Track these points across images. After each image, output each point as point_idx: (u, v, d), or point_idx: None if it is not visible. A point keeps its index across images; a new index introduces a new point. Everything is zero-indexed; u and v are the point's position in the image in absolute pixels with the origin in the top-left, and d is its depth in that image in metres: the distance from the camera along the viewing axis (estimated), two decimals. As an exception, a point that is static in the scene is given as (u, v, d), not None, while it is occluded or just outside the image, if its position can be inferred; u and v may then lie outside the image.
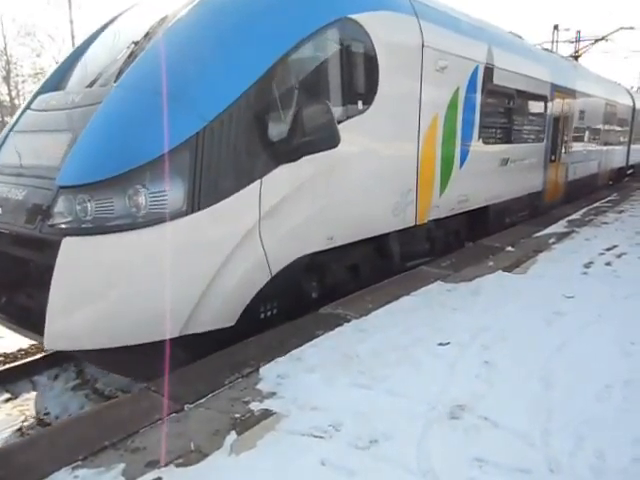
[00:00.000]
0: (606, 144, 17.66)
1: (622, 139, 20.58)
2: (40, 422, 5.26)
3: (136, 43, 5.48)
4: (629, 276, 7.22)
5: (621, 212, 12.98)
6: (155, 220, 4.43)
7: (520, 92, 10.17)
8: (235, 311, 5.10)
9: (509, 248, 8.83)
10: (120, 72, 5.18)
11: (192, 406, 3.73)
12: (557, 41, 30.58)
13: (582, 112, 14.39)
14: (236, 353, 4.68)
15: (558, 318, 5.59)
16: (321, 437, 3.37)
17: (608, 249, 8.84)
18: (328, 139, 5.22)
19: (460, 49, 7.99)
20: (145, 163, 4.40)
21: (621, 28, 26.89)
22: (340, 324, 5.31)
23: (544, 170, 12.40)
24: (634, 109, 21.75)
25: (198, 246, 4.63)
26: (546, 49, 14.70)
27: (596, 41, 27.02)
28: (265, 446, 3.29)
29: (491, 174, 9.60)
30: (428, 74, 7.15)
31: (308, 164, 5.33)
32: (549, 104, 11.91)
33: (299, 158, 5.18)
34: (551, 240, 9.55)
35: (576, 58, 25.78)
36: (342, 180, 5.91)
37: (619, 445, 3.35)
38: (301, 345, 4.79)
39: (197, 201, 4.54)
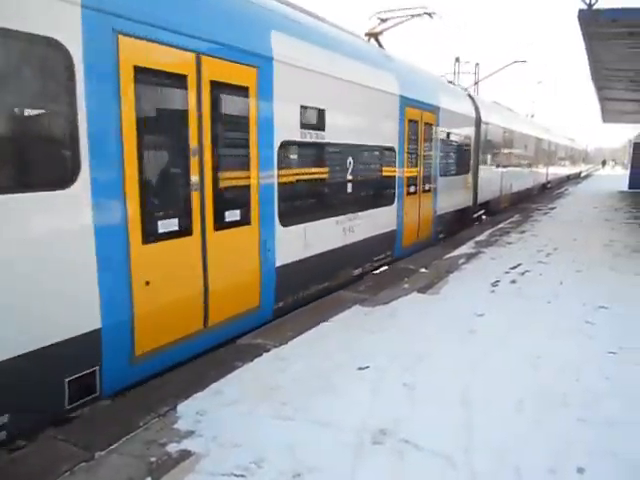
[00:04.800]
0: (413, 178, 10.62)
1: (461, 164, 13.87)
2: None
3: None
4: (532, 293, 7.66)
5: (523, 232, 13.83)
6: None
7: None
8: None
9: (423, 270, 9.13)
10: None
11: (103, 453, 3.48)
12: (459, 72, 32.54)
13: (319, 117, 7.20)
14: (152, 391, 4.46)
15: (471, 336, 5.81)
16: (243, 476, 3.25)
17: (513, 267, 9.35)
18: None
19: None
20: None
21: (515, 62, 29.06)
22: (260, 354, 5.22)
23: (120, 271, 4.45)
24: (479, 121, 15.26)
25: None
26: None
27: (493, 73, 28.99)
28: (184, 490, 3.12)
29: None
30: None
31: None
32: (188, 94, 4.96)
33: None
34: (461, 261, 9.97)
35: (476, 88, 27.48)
36: None
37: (535, 457, 3.48)
38: (221, 378, 4.65)
39: None
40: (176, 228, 4.89)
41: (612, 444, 3.66)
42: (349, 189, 8.07)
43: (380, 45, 11.04)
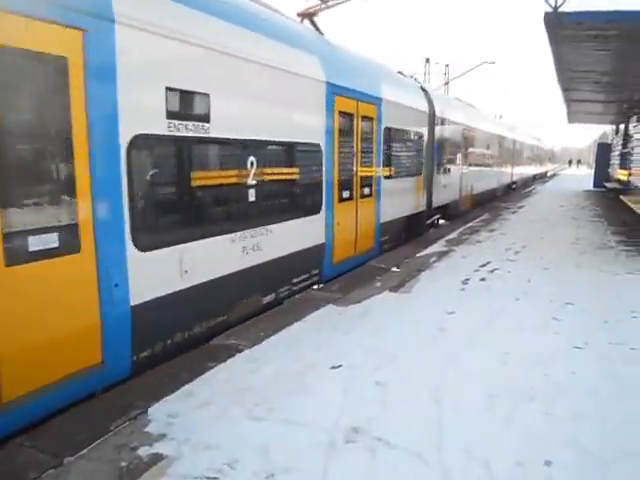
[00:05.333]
0: (348, 181, 9.00)
1: (411, 165, 12.30)
2: None
3: None
4: (501, 290, 7.80)
5: (492, 231, 14.06)
6: None
7: None
8: None
9: (394, 269, 9.19)
10: None
11: (73, 459, 3.41)
12: (429, 73, 32.93)
13: (201, 104, 5.52)
14: (122, 394, 4.39)
15: (442, 334, 5.88)
16: (216, 478, 3.23)
17: (482, 265, 9.50)
18: None
19: None
20: None
21: (483, 62, 29.57)
22: (232, 355, 5.19)
23: None
24: (434, 117, 13.65)
25: None
26: None
27: (462, 74, 29.47)
28: (155, 494, 3.09)
29: None
30: None
31: None
32: None
33: None
34: (432, 259, 10.09)
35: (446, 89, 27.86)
36: None
37: (504, 452, 3.55)
38: (193, 380, 4.61)
39: None
40: None
41: (578, 437, 3.75)
42: (251, 197, 6.24)
43: (317, 28, 9.41)
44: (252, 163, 6.22)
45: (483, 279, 8.52)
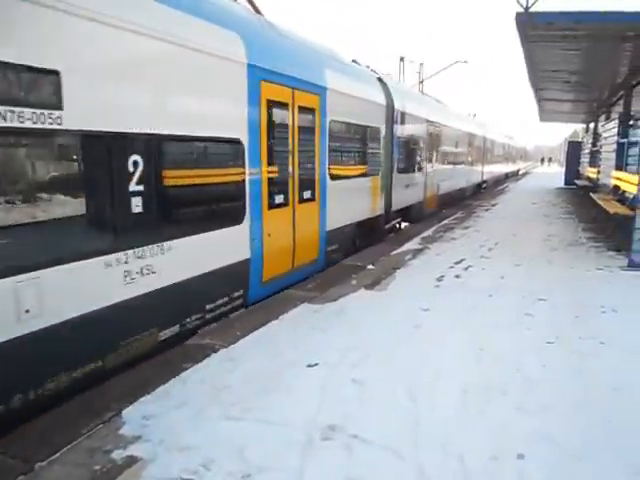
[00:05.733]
0: (282, 183, 7.62)
1: (366, 163, 11.00)
2: None
3: None
4: (475, 287, 7.90)
5: (466, 228, 14.21)
6: None
7: None
8: None
9: (370, 266, 9.23)
10: None
11: (44, 464, 3.35)
12: (404, 71, 33.08)
13: (47, 84, 4.04)
14: (96, 397, 4.32)
15: (417, 331, 5.93)
16: None
17: (457, 263, 9.60)
18: None
19: None
20: None
21: (457, 62, 29.90)
22: (208, 355, 5.16)
23: None
24: (392, 111, 12.46)
25: None
26: None
27: (437, 72, 29.75)
28: (130, 498, 3.05)
29: None
30: None
31: None
32: None
33: None
34: (407, 257, 10.16)
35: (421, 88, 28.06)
36: None
37: (478, 447, 3.60)
38: (168, 381, 4.56)
39: None
40: None
41: (549, 430, 3.82)
42: (136, 207, 4.85)
43: (254, 7, 7.99)
44: (136, 163, 4.84)
45: (457, 276, 8.62)
